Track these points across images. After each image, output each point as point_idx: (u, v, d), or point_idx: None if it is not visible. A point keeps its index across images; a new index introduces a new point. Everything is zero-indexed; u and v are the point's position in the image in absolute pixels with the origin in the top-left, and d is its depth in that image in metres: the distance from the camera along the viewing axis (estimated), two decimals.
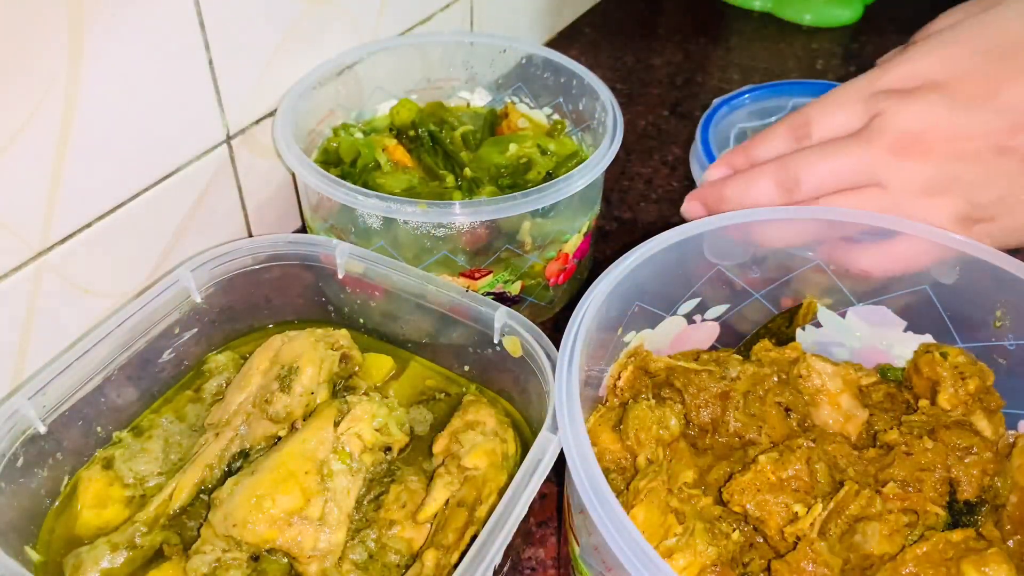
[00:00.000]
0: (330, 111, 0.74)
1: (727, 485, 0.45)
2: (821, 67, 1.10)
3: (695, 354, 0.54)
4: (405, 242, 0.62)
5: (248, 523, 0.46)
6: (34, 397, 0.48)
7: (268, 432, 0.52)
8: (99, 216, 0.58)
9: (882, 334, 0.55)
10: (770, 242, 0.53)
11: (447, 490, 0.49)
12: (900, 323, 0.54)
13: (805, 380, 0.52)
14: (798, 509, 0.43)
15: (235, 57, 0.64)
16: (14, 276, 0.54)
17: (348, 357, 0.57)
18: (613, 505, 0.37)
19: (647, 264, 0.49)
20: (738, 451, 0.48)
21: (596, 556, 0.43)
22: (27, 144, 0.51)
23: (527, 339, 0.52)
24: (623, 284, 0.48)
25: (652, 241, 0.50)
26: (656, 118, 0.98)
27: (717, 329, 0.56)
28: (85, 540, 0.48)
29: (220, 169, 0.67)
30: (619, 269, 0.48)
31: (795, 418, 0.51)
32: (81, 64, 0.52)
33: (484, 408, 0.54)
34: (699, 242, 0.51)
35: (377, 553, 0.48)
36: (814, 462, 0.45)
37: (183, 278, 0.55)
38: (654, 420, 0.48)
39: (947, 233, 0.49)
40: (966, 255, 0.49)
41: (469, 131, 0.74)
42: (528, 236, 0.64)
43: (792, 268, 0.54)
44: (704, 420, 0.49)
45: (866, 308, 0.54)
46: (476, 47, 0.79)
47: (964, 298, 0.51)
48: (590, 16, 1.18)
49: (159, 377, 0.57)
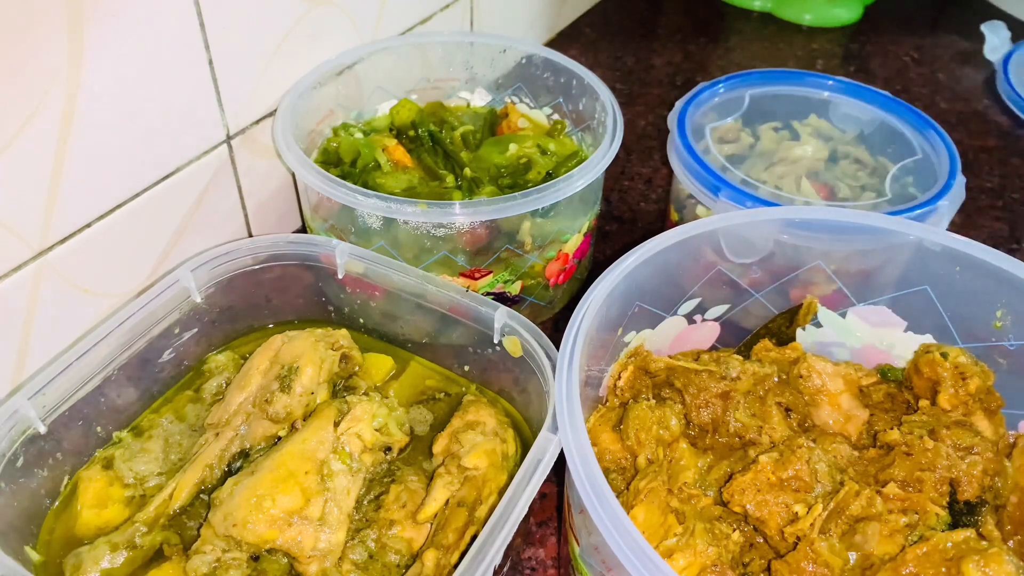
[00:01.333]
0: (330, 111, 0.74)
1: (727, 485, 0.45)
2: (821, 67, 1.10)
3: (695, 354, 0.54)
4: (405, 242, 0.62)
5: (248, 523, 0.46)
6: (34, 397, 0.48)
7: (268, 432, 0.52)
8: (99, 216, 0.58)
9: (882, 334, 0.55)
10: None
11: (447, 490, 0.49)
12: (900, 323, 0.54)
13: (806, 380, 0.52)
14: (798, 509, 0.43)
15: (235, 57, 0.64)
16: (14, 276, 0.54)
17: (348, 357, 0.57)
18: (613, 505, 0.37)
19: (647, 264, 0.49)
20: (738, 451, 0.48)
21: (596, 556, 0.43)
22: (27, 144, 0.51)
23: (527, 339, 0.52)
24: (623, 284, 0.48)
25: (652, 241, 0.50)
26: (656, 118, 0.98)
27: (718, 329, 0.56)
28: (85, 540, 0.48)
29: (220, 169, 0.67)
30: (619, 269, 0.48)
31: (795, 418, 0.51)
32: (81, 64, 0.52)
33: (484, 408, 0.54)
34: (699, 242, 0.51)
35: (377, 553, 0.48)
36: (814, 462, 0.45)
37: (183, 278, 0.55)
38: (654, 420, 0.48)
39: (941, 231, 0.49)
40: (966, 255, 0.49)
41: (469, 131, 0.74)
42: (528, 236, 0.64)
43: (792, 268, 0.54)
44: (704, 420, 0.49)
45: (866, 308, 0.54)
46: (476, 47, 0.79)
47: (964, 298, 0.51)
48: (590, 16, 1.18)
49: (159, 377, 0.57)
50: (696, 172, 0.65)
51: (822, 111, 0.76)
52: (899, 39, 1.17)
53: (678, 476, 0.46)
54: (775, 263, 0.54)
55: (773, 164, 0.73)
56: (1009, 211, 0.87)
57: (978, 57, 1.11)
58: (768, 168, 0.73)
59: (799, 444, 0.46)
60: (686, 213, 0.72)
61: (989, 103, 1.04)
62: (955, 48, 1.16)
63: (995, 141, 0.97)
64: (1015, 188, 0.90)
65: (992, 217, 0.86)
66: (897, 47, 1.15)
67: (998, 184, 0.90)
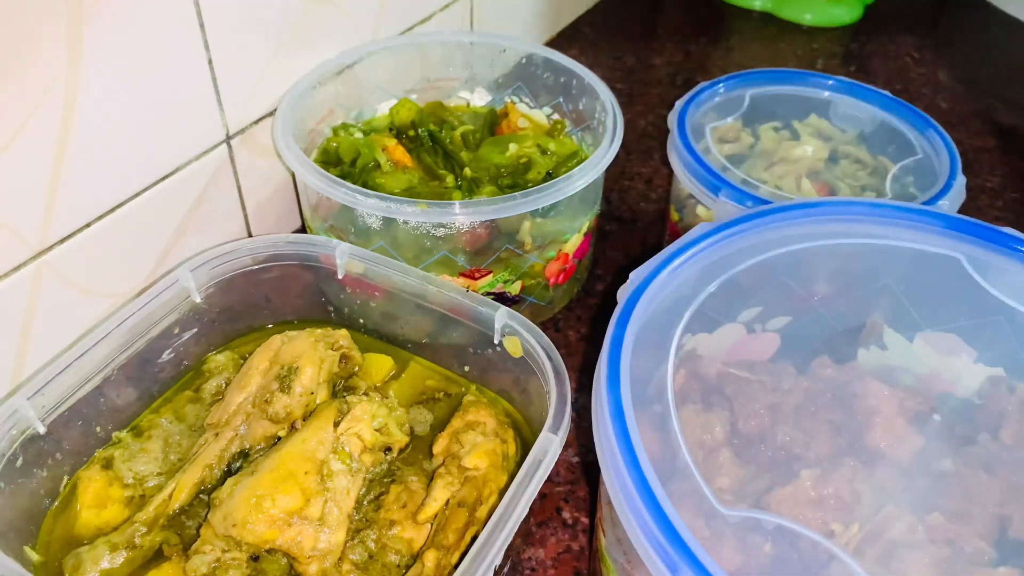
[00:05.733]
0: (330, 111, 0.74)
1: (766, 496, 0.44)
2: (821, 67, 1.10)
3: (750, 364, 0.52)
4: (405, 242, 0.62)
5: (248, 523, 0.46)
6: (34, 397, 0.48)
7: (268, 432, 0.52)
8: (99, 216, 0.58)
9: (950, 363, 0.52)
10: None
11: (447, 490, 0.49)
12: (971, 353, 0.51)
13: (861, 400, 0.49)
14: (835, 527, 0.42)
15: (235, 57, 0.64)
16: (14, 276, 0.54)
17: (348, 357, 0.57)
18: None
19: (709, 264, 0.47)
20: (783, 465, 0.47)
21: (619, 548, 0.43)
22: (27, 144, 0.51)
23: (527, 339, 0.52)
24: (680, 278, 0.46)
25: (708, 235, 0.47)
26: (656, 118, 0.98)
27: (777, 341, 0.54)
28: (84, 540, 0.48)
29: (220, 169, 0.67)
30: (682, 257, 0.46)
31: (845, 437, 0.48)
32: (81, 64, 0.52)
33: (484, 408, 0.54)
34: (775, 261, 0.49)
35: (377, 553, 0.48)
36: (858, 483, 0.44)
37: (183, 278, 0.55)
38: (698, 424, 0.47)
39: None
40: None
41: (469, 131, 0.74)
42: (528, 236, 0.64)
43: (861, 285, 0.52)
44: (751, 430, 0.48)
45: (936, 334, 0.52)
46: (476, 47, 0.79)
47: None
48: (590, 16, 1.18)
49: (159, 377, 0.56)
50: (696, 172, 0.65)
51: (822, 111, 0.76)
52: (899, 39, 1.17)
53: (712, 481, 0.45)
54: (844, 279, 0.52)
55: (773, 164, 0.73)
56: (1009, 211, 0.87)
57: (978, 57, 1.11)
58: (768, 168, 0.73)
59: (844, 463, 0.44)
60: (686, 213, 0.72)
61: (989, 103, 1.04)
62: (955, 48, 1.16)
63: (995, 141, 0.97)
64: (1015, 188, 0.90)
65: (992, 217, 0.86)
66: (897, 47, 1.15)
67: (998, 184, 0.90)
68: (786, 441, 0.47)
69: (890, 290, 0.52)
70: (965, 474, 0.45)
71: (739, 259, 0.48)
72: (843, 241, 0.50)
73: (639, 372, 0.43)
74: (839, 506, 0.43)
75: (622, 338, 0.42)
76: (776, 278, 0.51)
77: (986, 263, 0.49)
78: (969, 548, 0.43)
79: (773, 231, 0.49)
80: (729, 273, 0.48)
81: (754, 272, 0.49)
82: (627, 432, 0.38)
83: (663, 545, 0.35)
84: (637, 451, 0.38)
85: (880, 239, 0.50)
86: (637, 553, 0.36)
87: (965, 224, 0.49)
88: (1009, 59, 1.14)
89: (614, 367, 0.41)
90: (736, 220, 0.49)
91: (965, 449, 0.47)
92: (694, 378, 0.51)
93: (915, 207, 0.50)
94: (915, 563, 0.41)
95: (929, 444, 0.49)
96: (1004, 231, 0.48)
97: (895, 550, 0.42)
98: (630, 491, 0.37)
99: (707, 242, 0.48)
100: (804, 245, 0.49)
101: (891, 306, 0.53)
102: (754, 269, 0.48)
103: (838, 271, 0.52)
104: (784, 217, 0.50)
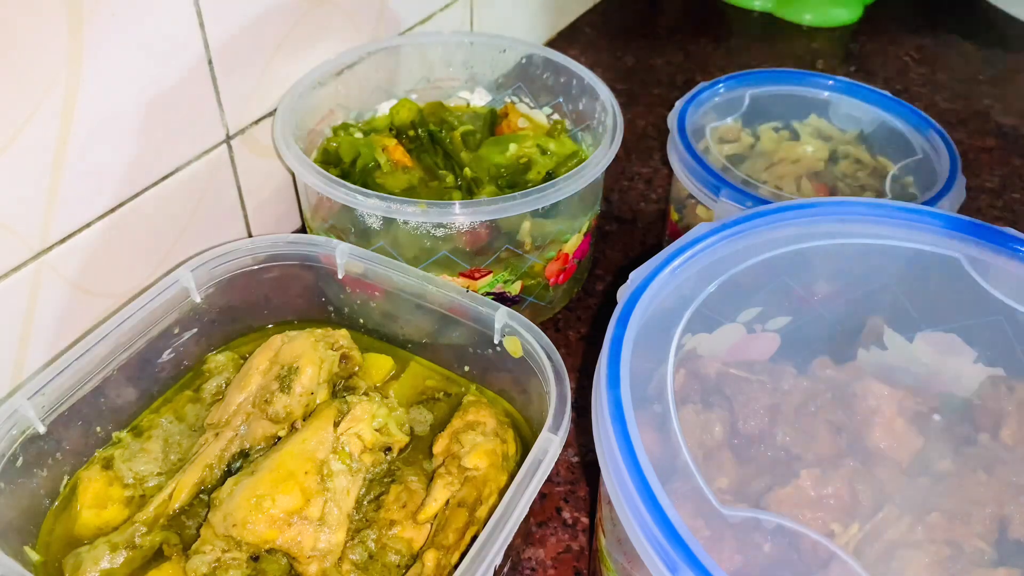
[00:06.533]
0: (330, 111, 0.74)
1: (765, 496, 0.44)
2: (821, 67, 1.10)
3: (750, 364, 0.52)
4: (405, 242, 0.62)
5: (248, 523, 0.46)
6: (34, 397, 0.48)
7: (268, 432, 0.52)
8: (99, 216, 0.58)
9: (949, 363, 0.52)
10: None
11: (447, 490, 0.49)
12: (970, 353, 0.51)
13: (860, 401, 0.49)
14: (835, 527, 0.42)
15: (235, 57, 0.64)
16: (14, 276, 0.54)
17: (348, 357, 0.57)
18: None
19: (709, 264, 0.47)
20: (782, 465, 0.47)
21: (619, 548, 0.43)
22: (27, 144, 0.51)
23: (527, 339, 0.52)
24: (681, 278, 0.46)
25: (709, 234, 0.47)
26: (656, 118, 0.98)
27: (777, 341, 0.54)
28: (85, 540, 0.48)
29: (220, 169, 0.67)
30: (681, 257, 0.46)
31: (845, 438, 0.48)
32: (81, 64, 0.52)
33: (484, 408, 0.54)
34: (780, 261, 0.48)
35: (377, 553, 0.48)
36: (857, 483, 0.44)
37: (183, 278, 0.55)
38: (698, 424, 0.47)
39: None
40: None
41: (469, 131, 0.74)
42: (528, 236, 0.64)
43: (861, 286, 0.52)
44: (751, 430, 0.48)
45: (935, 334, 0.51)
46: (476, 47, 0.79)
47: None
48: (590, 16, 1.18)
49: (159, 377, 0.56)
50: (696, 172, 0.65)
51: (822, 111, 0.76)
52: (899, 39, 1.17)
53: (712, 481, 0.45)
54: (844, 279, 0.52)
55: (773, 164, 0.73)
56: (1009, 211, 0.87)
57: (978, 57, 1.11)
58: (768, 168, 0.73)
59: (844, 463, 0.44)
60: (686, 213, 0.72)
61: (989, 103, 1.04)
62: (955, 48, 1.15)
63: (995, 141, 0.97)
64: (1015, 188, 0.90)
65: (992, 217, 0.85)
66: (897, 47, 1.15)
67: (998, 184, 0.90)
68: (786, 441, 0.47)
69: (890, 290, 0.52)
70: (965, 474, 0.45)
71: (739, 259, 0.48)
72: (843, 241, 0.50)
73: (639, 372, 0.43)
74: (839, 506, 0.43)
75: (622, 338, 0.42)
76: (776, 278, 0.50)
77: (986, 263, 0.49)
78: (968, 548, 0.43)
79: (773, 231, 0.49)
80: (729, 273, 0.48)
81: (754, 272, 0.48)
82: (627, 432, 0.38)
83: (663, 545, 0.35)
84: (637, 451, 0.38)
85: (880, 239, 0.50)
86: (637, 553, 0.36)
87: (965, 224, 0.49)
88: (1009, 59, 1.14)
89: (614, 367, 0.41)
90: (736, 220, 0.49)
91: (965, 449, 0.47)
92: (694, 378, 0.51)
93: (915, 207, 0.50)
94: (914, 563, 0.41)
95: (929, 444, 0.48)
96: (1004, 231, 0.48)
97: (895, 550, 0.42)
98: (630, 491, 0.37)
99: (707, 242, 0.47)
100: (804, 245, 0.49)
101: (891, 306, 0.52)
102: (754, 269, 0.48)
103: (838, 271, 0.52)
104: (784, 217, 0.50)
